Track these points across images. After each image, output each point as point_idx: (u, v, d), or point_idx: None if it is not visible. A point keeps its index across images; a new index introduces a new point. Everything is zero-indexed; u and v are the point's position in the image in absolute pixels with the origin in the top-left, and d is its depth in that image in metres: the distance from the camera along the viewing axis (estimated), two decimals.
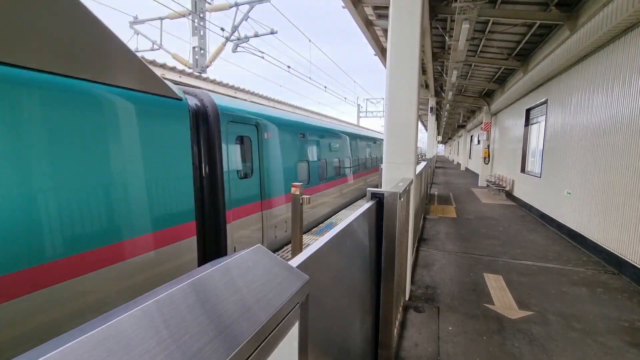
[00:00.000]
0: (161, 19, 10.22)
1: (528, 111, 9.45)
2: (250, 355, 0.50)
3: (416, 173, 3.60)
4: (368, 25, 7.05)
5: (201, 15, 9.63)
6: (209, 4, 9.84)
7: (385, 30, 7.44)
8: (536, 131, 8.94)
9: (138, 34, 10.43)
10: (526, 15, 5.93)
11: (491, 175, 13.83)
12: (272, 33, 10.26)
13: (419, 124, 15.05)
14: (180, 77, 8.38)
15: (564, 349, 2.81)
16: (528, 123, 9.57)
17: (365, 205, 1.84)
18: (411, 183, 3.12)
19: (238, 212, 4.57)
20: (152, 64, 7.97)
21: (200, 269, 0.60)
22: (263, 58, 10.24)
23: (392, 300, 2.10)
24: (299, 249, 4.41)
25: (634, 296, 3.83)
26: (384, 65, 6.96)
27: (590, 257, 5.16)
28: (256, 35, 10.12)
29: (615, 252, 4.65)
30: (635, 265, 4.18)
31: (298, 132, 6.57)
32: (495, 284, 4.12)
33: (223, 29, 9.86)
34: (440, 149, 63.80)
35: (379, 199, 2.01)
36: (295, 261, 0.89)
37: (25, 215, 2.18)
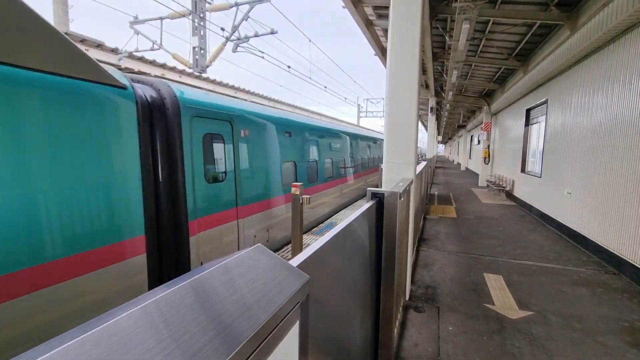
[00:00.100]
0: (161, 19, 10.22)
1: (528, 111, 9.44)
2: (250, 355, 0.50)
3: (416, 173, 3.60)
4: (368, 25, 7.05)
5: (201, 15, 9.64)
6: (209, 3, 9.85)
7: (385, 30, 7.44)
8: (536, 131, 8.94)
9: (138, 34, 10.43)
10: (526, 15, 5.93)
11: (491, 175, 13.83)
12: (272, 33, 10.27)
13: (419, 124, 15.06)
14: (180, 77, 8.38)
15: (564, 349, 2.81)
16: (528, 123, 9.56)
17: (366, 205, 1.84)
18: (411, 183, 3.12)
19: (205, 222, 3.97)
20: (153, 63, 7.97)
21: (200, 268, 0.60)
22: (263, 58, 10.25)
23: (392, 300, 2.10)
24: (299, 248, 4.41)
25: (634, 296, 3.83)
26: (384, 65, 6.96)
27: (591, 257, 5.16)
28: (256, 35, 10.13)
29: (615, 252, 4.65)
30: (636, 265, 4.18)
31: (284, 130, 5.96)
32: (495, 284, 4.12)
33: (223, 29, 9.87)
34: (441, 149, 63.77)
35: (379, 199, 2.01)
36: (296, 261, 0.89)
37: None
